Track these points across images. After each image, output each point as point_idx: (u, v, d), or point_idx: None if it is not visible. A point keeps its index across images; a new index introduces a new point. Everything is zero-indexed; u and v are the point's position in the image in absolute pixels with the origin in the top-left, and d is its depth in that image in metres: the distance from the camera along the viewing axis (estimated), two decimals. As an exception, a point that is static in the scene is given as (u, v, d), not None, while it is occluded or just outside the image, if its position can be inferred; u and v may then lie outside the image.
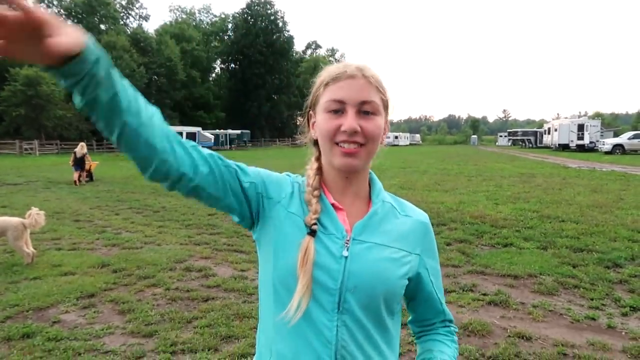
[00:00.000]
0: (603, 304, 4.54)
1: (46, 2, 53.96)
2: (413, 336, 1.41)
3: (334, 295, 1.00)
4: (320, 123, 1.04)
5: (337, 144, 1.01)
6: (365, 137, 1.01)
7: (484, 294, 4.82)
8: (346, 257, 1.01)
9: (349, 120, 0.99)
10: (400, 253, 1.06)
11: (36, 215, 6.12)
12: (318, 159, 1.12)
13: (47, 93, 41.08)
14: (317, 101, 1.08)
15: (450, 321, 1.23)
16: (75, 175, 15.73)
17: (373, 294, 1.01)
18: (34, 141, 39.02)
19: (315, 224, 1.03)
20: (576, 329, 4.02)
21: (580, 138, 40.30)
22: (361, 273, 1.01)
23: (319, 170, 1.11)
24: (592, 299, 4.65)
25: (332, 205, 1.07)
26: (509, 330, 3.96)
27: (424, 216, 1.17)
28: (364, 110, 1.01)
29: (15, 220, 6.05)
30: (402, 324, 1.17)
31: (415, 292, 1.15)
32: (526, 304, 4.59)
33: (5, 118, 42.50)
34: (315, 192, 1.06)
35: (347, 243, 1.02)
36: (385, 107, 1.07)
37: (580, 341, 3.77)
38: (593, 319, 4.22)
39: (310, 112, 1.12)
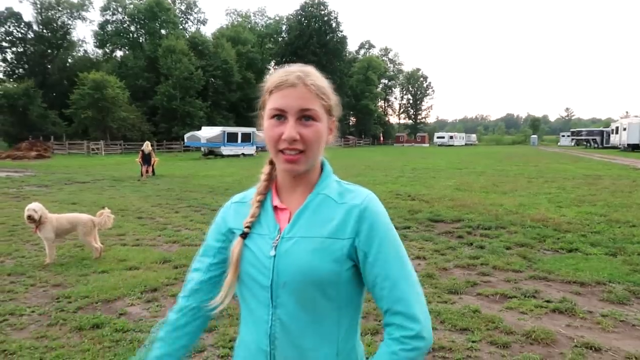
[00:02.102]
0: (681, 316, 4.23)
1: (112, 10, 56.92)
2: None
3: (267, 292, 1.11)
4: (266, 130, 1.13)
5: (280, 151, 1.10)
6: (305, 143, 1.09)
7: (548, 301, 4.61)
8: (274, 256, 1.11)
9: (289, 130, 1.08)
10: (327, 242, 1.10)
11: (106, 217, 6.52)
12: (272, 161, 1.21)
13: (112, 96, 43.30)
14: (264, 106, 1.17)
15: (412, 318, 1.06)
16: (143, 169, 18.05)
17: (303, 286, 1.09)
18: (100, 141, 41.25)
19: (248, 226, 1.16)
20: (651, 342, 3.76)
21: (652, 138, 37.78)
22: (288, 269, 1.09)
23: (269, 175, 1.22)
24: (668, 310, 4.34)
25: (275, 207, 1.18)
26: (575, 340, 3.77)
27: (360, 199, 1.14)
28: (305, 116, 1.10)
29: (85, 216, 6.43)
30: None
31: (363, 278, 1.14)
32: (594, 312, 4.35)
33: (75, 120, 45.28)
34: (258, 197, 1.19)
35: (275, 242, 1.12)
36: (328, 111, 1.15)
37: (656, 355, 3.52)
38: (670, 331, 3.93)
39: (261, 113, 1.20)
